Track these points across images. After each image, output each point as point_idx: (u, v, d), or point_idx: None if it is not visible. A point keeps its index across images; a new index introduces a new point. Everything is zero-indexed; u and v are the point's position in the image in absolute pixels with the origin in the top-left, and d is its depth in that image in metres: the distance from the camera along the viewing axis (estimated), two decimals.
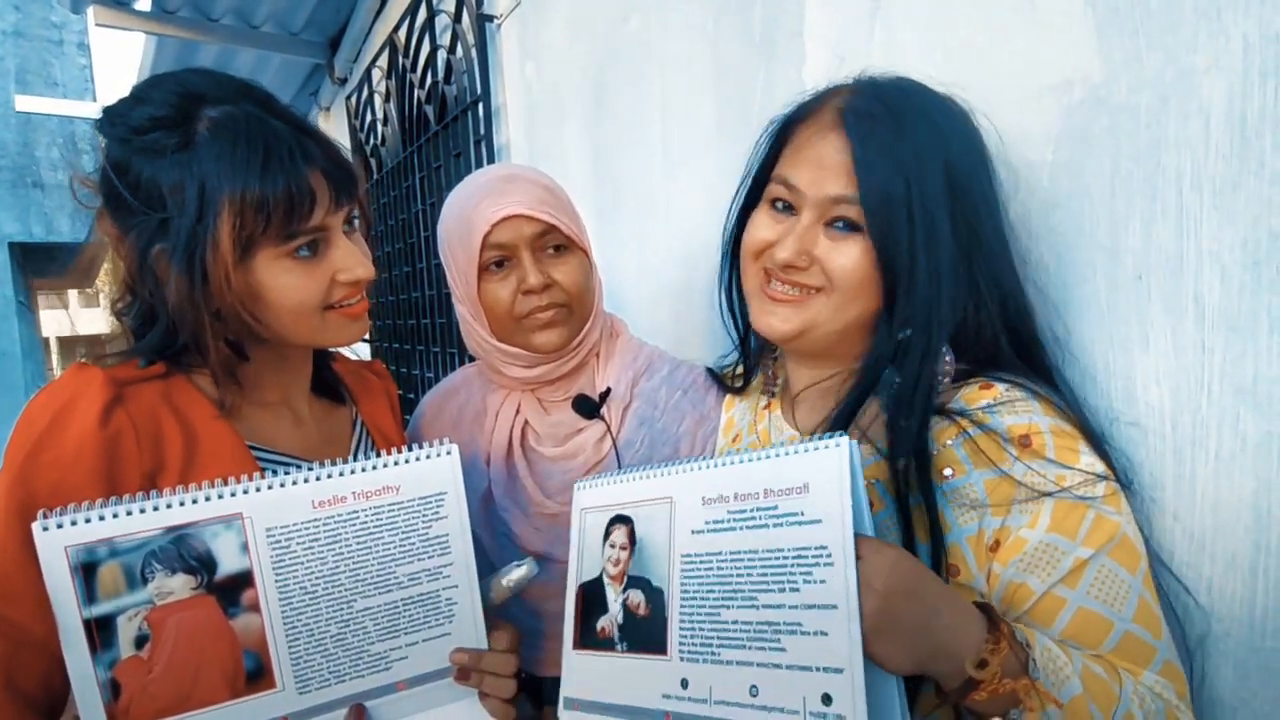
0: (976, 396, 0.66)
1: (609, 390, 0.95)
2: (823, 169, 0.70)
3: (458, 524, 0.69)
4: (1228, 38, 0.58)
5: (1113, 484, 0.62)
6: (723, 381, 0.97)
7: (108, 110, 0.71)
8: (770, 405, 0.87)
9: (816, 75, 1.00)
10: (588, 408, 0.93)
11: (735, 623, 0.59)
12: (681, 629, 0.63)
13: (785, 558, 0.57)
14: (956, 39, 0.80)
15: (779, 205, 0.75)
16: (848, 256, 0.69)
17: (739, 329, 0.90)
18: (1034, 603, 0.60)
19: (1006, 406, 0.64)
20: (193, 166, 0.66)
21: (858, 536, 0.54)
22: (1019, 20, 0.74)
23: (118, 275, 0.73)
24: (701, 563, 0.63)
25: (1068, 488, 0.60)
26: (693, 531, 0.64)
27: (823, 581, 0.55)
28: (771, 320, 0.75)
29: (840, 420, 0.71)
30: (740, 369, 0.94)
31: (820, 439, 0.58)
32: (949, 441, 0.65)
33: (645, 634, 0.66)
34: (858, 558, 0.53)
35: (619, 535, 0.70)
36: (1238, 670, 0.62)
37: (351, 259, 0.74)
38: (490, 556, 0.94)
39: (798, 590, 0.56)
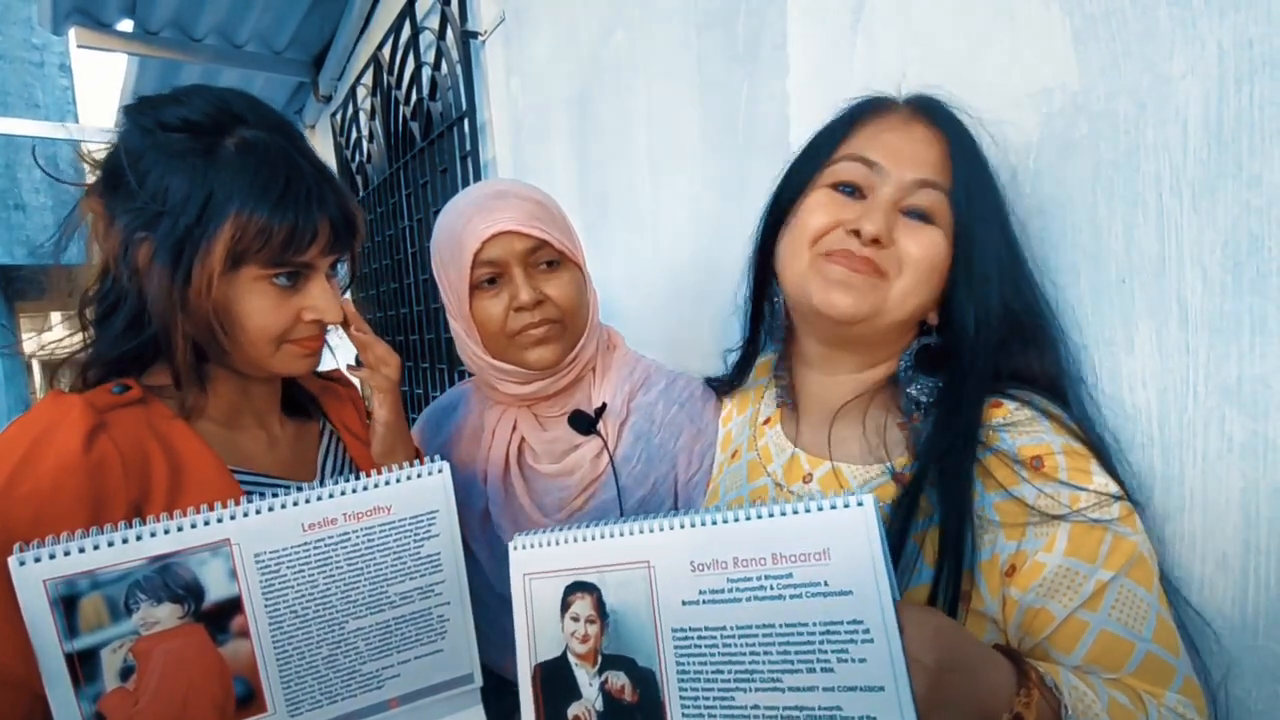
0: (985, 416, 0.65)
1: (605, 405, 0.95)
2: (907, 153, 0.69)
3: (449, 541, 0.68)
4: (1203, 44, 0.59)
5: (1127, 503, 0.61)
6: (720, 391, 0.96)
7: (141, 99, 0.72)
8: (770, 420, 0.85)
9: (800, 87, 1.01)
10: (584, 423, 0.93)
11: (756, 707, 0.54)
12: (685, 715, 0.56)
13: (811, 634, 0.52)
14: (937, 49, 0.82)
15: (843, 189, 0.72)
16: (924, 245, 0.68)
17: (752, 332, 0.88)
18: (1055, 628, 0.59)
19: (1016, 427, 0.63)
20: (208, 175, 0.68)
21: (895, 605, 0.50)
22: (998, 30, 0.75)
23: (94, 261, 0.73)
24: (702, 639, 0.56)
25: (1082, 509, 0.59)
26: (684, 602, 0.57)
27: (862, 660, 0.50)
28: (845, 297, 0.69)
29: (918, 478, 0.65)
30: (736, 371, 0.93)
31: (838, 497, 0.52)
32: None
33: None
34: (899, 630, 0.50)
35: (582, 606, 0.61)
36: (1232, 670, 0.62)
37: (324, 301, 0.75)
38: (489, 575, 0.93)
39: (831, 671, 0.51)
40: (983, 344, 0.67)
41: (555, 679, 0.62)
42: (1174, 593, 0.64)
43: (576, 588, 0.61)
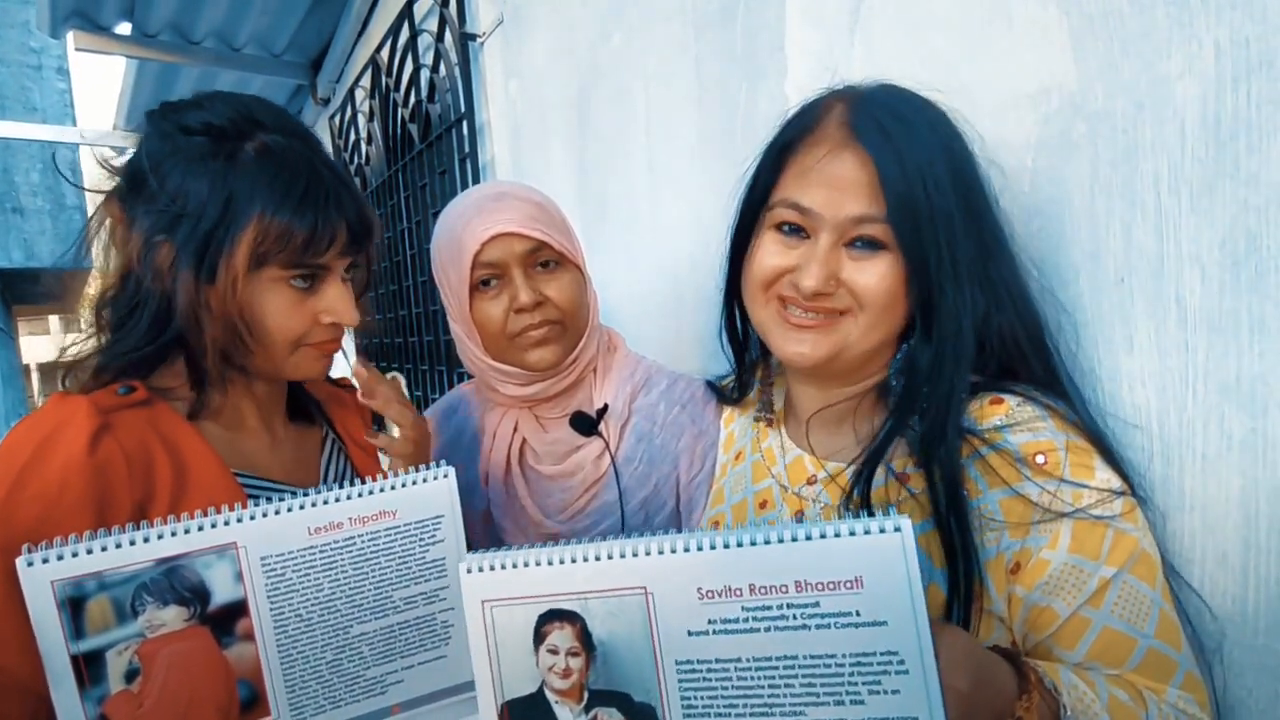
0: (987, 413, 0.65)
1: (606, 406, 0.95)
2: (839, 189, 0.67)
3: (454, 546, 0.68)
4: (1200, 44, 0.59)
5: (1129, 498, 0.61)
6: (722, 394, 0.96)
7: (164, 104, 0.74)
8: (773, 422, 0.85)
9: (798, 88, 1.02)
10: (585, 424, 0.93)
11: None
12: None
13: (840, 665, 0.49)
14: (935, 50, 0.82)
15: (786, 229, 0.71)
16: (875, 276, 0.67)
17: (737, 355, 0.89)
18: (1059, 626, 0.59)
19: (1019, 424, 0.63)
20: (228, 178, 0.69)
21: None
22: (996, 30, 0.75)
23: (113, 265, 0.73)
24: (712, 672, 0.52)
25: (1084, 506, 0.59)
26: (690, 633, 0.52)
27: (896, 691, 0.48)
28: (800, 349, 0.71)
29: (873, 457, 0.67)
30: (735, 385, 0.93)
31: (871, 520, 0.49)
32: (961, 461, 0.63)
33: None
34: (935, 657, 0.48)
35: (561, 637, 0.55)
36: (1232, 669, 0.63)
37: (341, 303, 0.76)
38: None
39: (861, 703, 0.49)
40: (949, 351, 0.66)
41: (529, 719, 0.56)
42: (1174, 576, 0.64)
43: (554, 616, 0.55)
